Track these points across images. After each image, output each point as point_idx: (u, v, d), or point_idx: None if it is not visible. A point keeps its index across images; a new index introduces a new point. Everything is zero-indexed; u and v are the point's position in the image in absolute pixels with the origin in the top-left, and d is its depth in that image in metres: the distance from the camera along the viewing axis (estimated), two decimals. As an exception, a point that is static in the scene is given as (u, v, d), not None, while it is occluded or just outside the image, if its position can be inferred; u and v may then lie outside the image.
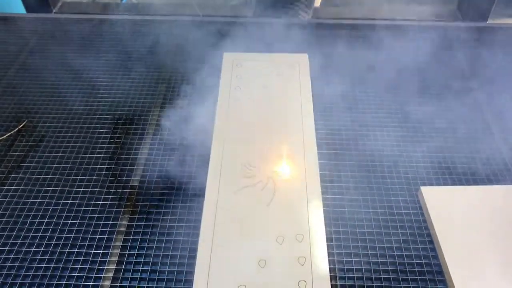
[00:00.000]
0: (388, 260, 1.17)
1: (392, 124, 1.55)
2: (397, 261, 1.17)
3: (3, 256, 1.17)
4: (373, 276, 1.13)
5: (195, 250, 1.14)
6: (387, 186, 1.34)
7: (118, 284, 1.11)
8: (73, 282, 1.11)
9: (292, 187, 1.27)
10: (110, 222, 1.24)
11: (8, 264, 1.15)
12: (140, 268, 1.15)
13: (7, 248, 1.18)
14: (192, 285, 1.06)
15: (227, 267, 1.09)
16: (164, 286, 1.11)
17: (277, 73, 1.66)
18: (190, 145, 1.46)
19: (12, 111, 1.59)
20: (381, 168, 1.40)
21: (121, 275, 1.13)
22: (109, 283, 1.11)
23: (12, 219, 1.25)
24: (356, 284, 1.12)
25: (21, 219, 1.25)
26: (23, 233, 1.22)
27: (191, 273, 1.11)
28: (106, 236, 1.21)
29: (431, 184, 1.35)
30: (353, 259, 1.17)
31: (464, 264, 1.12)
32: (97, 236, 1.21)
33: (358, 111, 1.60)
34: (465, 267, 1.12)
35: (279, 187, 1.27)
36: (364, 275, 1.14)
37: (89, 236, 1.21)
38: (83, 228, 1.23)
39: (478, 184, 1.35)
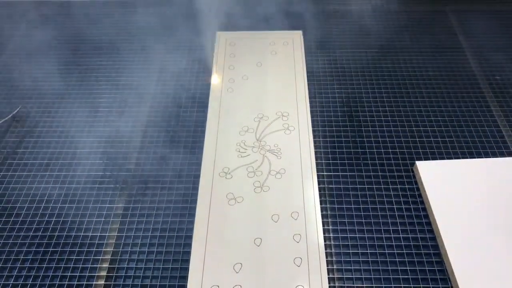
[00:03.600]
0: (383, 235, 1.17)
1: (386, 98, 1.54)
2: (392, 236, 1.17)
3: (2, 241, 1.18)
4: (368, 251, 1.14)
5: (191, 230, 1.15)
6: (382, 162, 1.34)
7: (116, 266, 1.12)
8: (72, 265, 1.13)
9: (287, 165, 1.27)
10: (107, 205, 1.25)
11: (7, 249, 1.16)
12: (138, 249, 1.16)
13: (5, 234, 1.19)
14: (189, 264, 1.08)
15: (223, 246, 1.10)
16: (161, 266, 1.12)
17: (271, 50, 1.65)
18: (184, 125, 1.45)
19: (6, 97, 1.59)
20: (376, 143, 1.39)
21: (119, 257, 1.14)
22: (107, 265, 1.12)
23: (10, 205, 1.26)
24: (351, 259, 1.13)
25: (18, 204, 1.26)
26: (20, 218, 1.23)
27: (188, 252, 1.12)
28: (103, 219, 1.22)
29: (427, 159, 1.35)
30: (348, 235, 1.17)
31: (459, 238, 1.13)
32: (94, 219, 1.22)
33: (351, 85, 1.59)
34: (460, 241, 1.12)
35: (274, 166, 1.27)
36: (360, 251, 1.14)
37: (86, 219, 1.22)
38: (80, 212, 1.24)
39: (473, 158, 1.35)
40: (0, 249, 1.17)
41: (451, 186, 1.24)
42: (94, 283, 1.09)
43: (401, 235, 1.17)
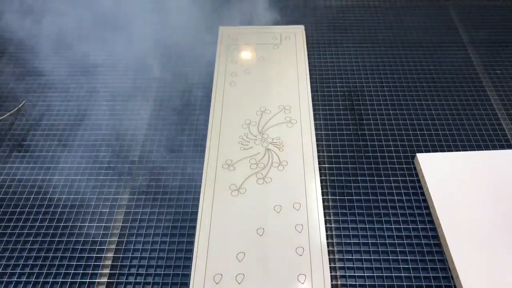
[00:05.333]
0: (384, 226, 1.19)
1: (387, 91, 1.55)
2: (393, 226, 1.18)
3: (9, 231, 1.20)
4: (369, 241, 1.16)
5: (195, 221, 1.17)
6: (383, 154, 1.36)
7: (121, 255, 1.14)
8: (77, 254, 1.15)
9: (289, 157, 1.29)
10: (111, 196, 1.27)
11: (13, 238, 1.18)
12: (142, 239, 1.17)
13: (12, 224, 1.21)
14: (193, 254, 1.09)
15: (226, 236, 1.12)
16: (166, 255, 1.14)
17: (273, 45, 1.66)
18: (188, 119, 1.47)
19: (12, 91, 1.60)
20: (377, 136, 1.41)
21: (123, 246, 1.16)
22: (112, 255, 1.14)
23: (16, 196, 1.28)
24: (352, 249, 1.14)
25: (24, 195, 1.28)
26: (26, 209, 1.24)
27: (192, 242, 1.14)
28: (108, 210, 1.24)
29: (428, 151, 1.36)
30: (349, 226, 1.19)
31: (459, 229, 1.14)
32: (99, 210, 1.24)
33: (353, 79, 1.60)
34: (460, 232, 1.14)
35: (276, 158, 1.28)
36: (361, 241, 1.16)
37: (91, 210, 1.24)
38: (85, 203, 1.25)
39: (473, 150, 1.36)
40: (7, 239, 1.19)
41: (452, 178, 1.25)
42: (99, 272, 1.11)
43: (401, 226, 1.19)
